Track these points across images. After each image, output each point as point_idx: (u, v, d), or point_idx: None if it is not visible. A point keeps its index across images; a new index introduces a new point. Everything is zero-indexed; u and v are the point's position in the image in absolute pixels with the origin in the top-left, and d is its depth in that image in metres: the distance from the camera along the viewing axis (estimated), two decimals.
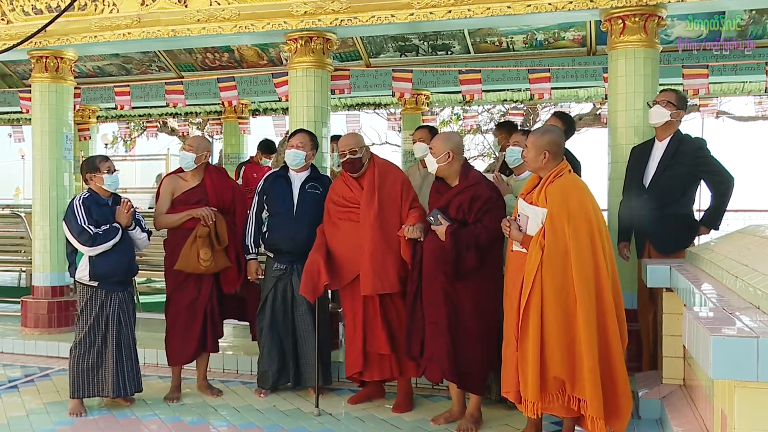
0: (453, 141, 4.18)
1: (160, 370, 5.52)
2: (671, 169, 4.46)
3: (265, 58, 8.84)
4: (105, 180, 4.53)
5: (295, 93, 5.80)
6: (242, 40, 6.78)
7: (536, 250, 3.52)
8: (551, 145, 3.68)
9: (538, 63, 7.90)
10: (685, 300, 3.33)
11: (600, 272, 3.49)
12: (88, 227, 4.38)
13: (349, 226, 4.53)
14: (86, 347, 4.46)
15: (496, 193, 4.10)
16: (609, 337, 3.47)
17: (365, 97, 10.24)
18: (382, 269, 4.36)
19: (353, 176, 4.60)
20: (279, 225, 4.74)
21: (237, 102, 9.21)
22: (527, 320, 3.51)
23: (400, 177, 4.61)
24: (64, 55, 6.55)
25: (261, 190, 4.90)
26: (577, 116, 15.05)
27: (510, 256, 3.79)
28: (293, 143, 4.86)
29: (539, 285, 3.49)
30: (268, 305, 4.80)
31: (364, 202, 4.49)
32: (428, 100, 9.55)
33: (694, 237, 4.59)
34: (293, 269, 4.74)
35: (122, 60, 9.13)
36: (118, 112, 11.30)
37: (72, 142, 6.80)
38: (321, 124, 5.76)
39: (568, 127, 5.02)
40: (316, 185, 4.85)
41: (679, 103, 4.55)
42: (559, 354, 3.44)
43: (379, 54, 8.41)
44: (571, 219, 3.50)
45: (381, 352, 4.48)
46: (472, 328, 3.97)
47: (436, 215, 4.03)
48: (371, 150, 4.78)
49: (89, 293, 4.48)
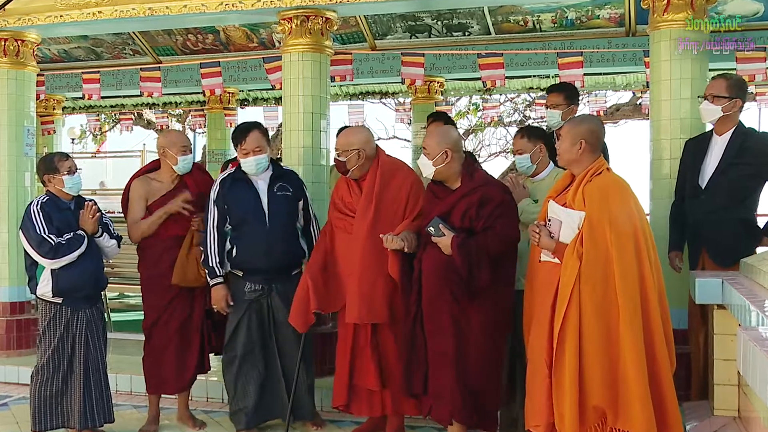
0: (450, 137, 4.15)
1: (134, 398, 5.53)
2: (734, 168, 4.41)
3: (255, 41, 8.85)
4: (65, 182, 4.51)
5: (289, 80, 5.81)
6: (229, 19, 6.80)
7: (573, 259, 3.49)
8: (589, 134, 3.68)
9: (569, 45, 7.88)
10: (739, 318, 3.30)
11: (646, 285, 3.48)
12: (48, 237, 4.35)
13: (344, 239, 4.48)
14: (50, 372, 4.45)
15: (509, 195, 4.05)
16: (657, 361, 3.46)
17: (370, 85, 10.23)
18: (370, 294, 4.28)
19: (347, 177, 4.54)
20: (248, 238, 4.56)
21: (222, 91, 9.22)
22: (563, 341, 3.48)
23: (408, 180, 4.49)
24: (25, 37, 6.58)
25: (218, 198, 4.63)
26: (614, 106, 15.02)
27: (536, 267, 3.76)
28: (248, 148, 4.58)
29: (577, 300, 3.47)
30: (241, 333, 4.60)
31: (360, 210, 4.42)
32: (442, 88, 9.55)
33: (756, 246, 4.53)
34: (271, 289, 4.60)
35: (92, 43, 9.16)
36: (87, 103, 11.34)
37: (34, 137, 6.83)
38: (319, 116, 5.77)
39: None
40: (285, 185, 4.69)
41: (732, 92, 4.45)
42: (600, 379, 3.42)
43: (386, 35, 8.40)
44: (613, 223, 3.48)
45: (369, 387, 4.42)
46: (485, 357, 3.91)
47: (437, 224, 3.91)
48: (375, 146, 4.63)
49: (52, 311, 4.47)
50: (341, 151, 4.52)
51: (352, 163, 4.48)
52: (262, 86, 9.88)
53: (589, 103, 12.39)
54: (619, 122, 15.69)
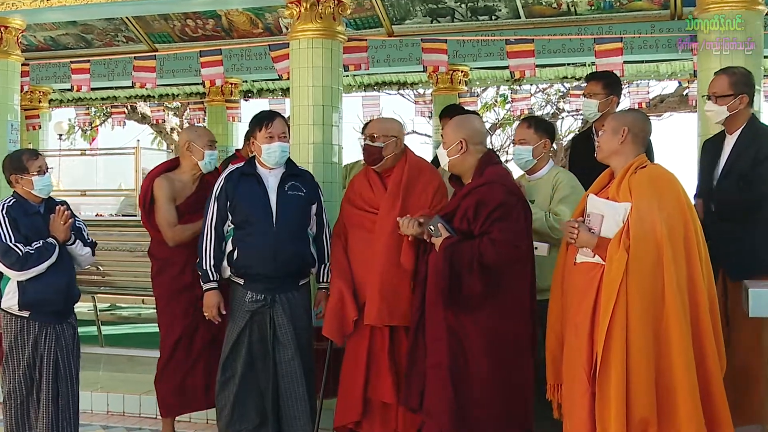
0: (468, 127, 4.13)
1: (126, 419, 5.57)
2: (740, 169, 4.40)
3: (260, 26, 8.87)
4: (35, 183, 4.46)
5: (297, 69, 5.82)
6: (232, 2, 6.82)
7: (619, 254, 3.48)
8: (634, 123, 3.72)
9: (607, 30, 7.84)
10: None
11: (696, 285, 3.50)
12: (15, 246, 4.30)
13: (362, 237, 4.50)
14: (23, 395, 4.40)
15: (513, 197, 3.92)
16: (708, 367, 3.47)
17: (387, 75, 10.23)
18: (394, 294, 4.30)
19: (376, 169, 4.57)
20: (253, 240, 4.50)
21: (224, 81, 9.26)
22: (609, 348, 3.47)
23: (436, 181, 4.55)
24: (8, 23, 6.63)
25: (221, 193, 4.59)
26: (658, 98, 14.97)
27: (571, 271, 3.76)
28: (275, 132, 4.58)
29: (624, 298, 3.46)
30: (242, 349, 4.53)
31: (385, 207, 4.46)
32: (466, 78, 9.53)
33: None
34: (275, 300, 4.54)
35: (81, 29, 9.21)
36: (76, 95, 11.40)
37: (18, 133, 6.87)
38: (330, 109, 5.77)
39: None
40: (297, 185, 4.65)
41: (737, 88, 4.43)
42: (647, 388, 3.42)
43: (405, 20, 8.40)
44: (663, 214, 3.49)
45: (384, 400, 4.40)
46: (483, 374, 3.82)
47: (437, 224, 3.90)
48: (404, 144, 4.67)
49: (18, 325, 4.42)
50: (379, 135, 4.54)
51: (389, 150, 4.53)
52: (268, 76, 9.90)
53: (629, 94, 12.30)
54: (664, 115, 15.65)
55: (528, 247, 3.95)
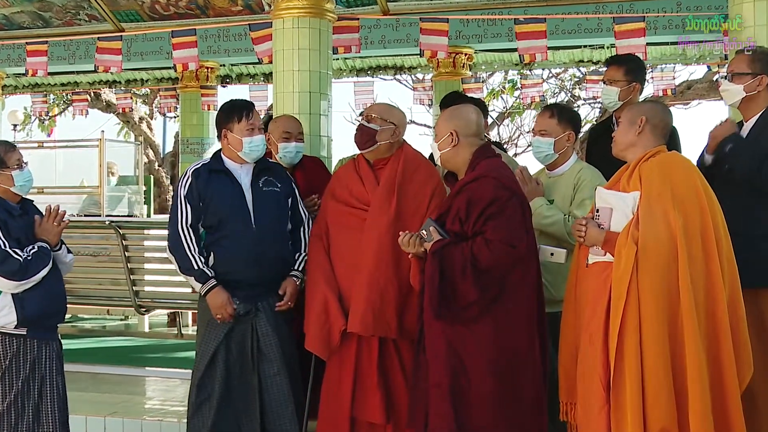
0: (459, 117, 4.12)
1: None
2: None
3: (239, 3, 8.89)
4: (15, 179, 4.33)
5: (281, 52, 5.84)
6: None
7: (628, 245, 3.50)
8: (652, 113, 3.76)
9: (628, 8, 7.88)
10: None
11: (713, 280, 3.52)
12: (13, 252, 4.18)
13: (349, 237, 4.45)
14: (12, 423, 4.32)
15: (507, 191, 3.87)
16: (723, 373, 3.50)
17: (382, 58, 10.28)
18: (381, 301, 4.27)
19: (366, 156, 4.53)
20: (230, 244, 4.51)
21: (198, 65, 9.25)
22: (622, 353, 3.49)
23: (434, 179, 4.52)
24: None
25: (189, 192, 4.56)
26: (685, 84, 15.00)
27: (583, 274, 3.79)
28: (256, 124, 4.61)
29: (635, 296, 3.49)
30: (219, 364, 4.51)
31: (377, 203, 4.42)
32: (471, 61, 9.59)
33: None
34: (257, 309, 4.55)
35: (38, 6, 9.21)
36: (32, 80, 11.44)
37: None
38: (318, 96, 5.79)
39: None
40: (271, 180, 4.68)
41: (756, 67, 4.42)
42: (665, 396, 3.44)
43: None
44: (677, 201, 3.51)
45: (371, 421, 4.36)
46: (487, 395, 3.80)
47: (429, 227, 3.90)
48: (401, 135, 4.60)
49: (14, 346, 4.33)
50: (377, 117, 4.50)
51: (385, 136, 4.46)
52: (248, 59, 9.93)
53: (653, 80, 12.30)
54: (691, 103, 15.67)
55: (528, 247, 3.90)
